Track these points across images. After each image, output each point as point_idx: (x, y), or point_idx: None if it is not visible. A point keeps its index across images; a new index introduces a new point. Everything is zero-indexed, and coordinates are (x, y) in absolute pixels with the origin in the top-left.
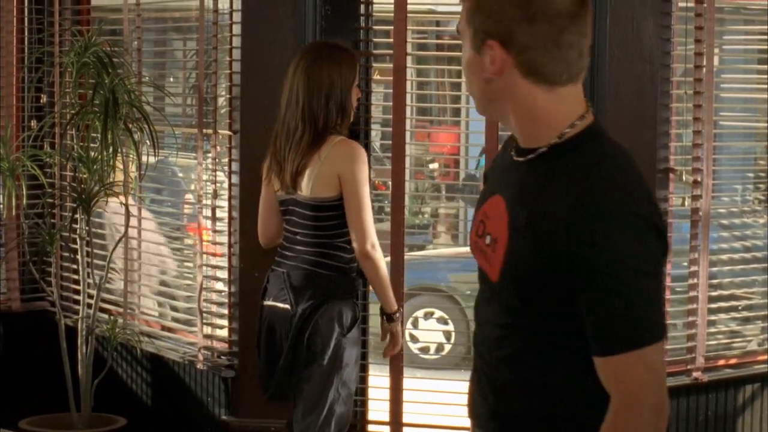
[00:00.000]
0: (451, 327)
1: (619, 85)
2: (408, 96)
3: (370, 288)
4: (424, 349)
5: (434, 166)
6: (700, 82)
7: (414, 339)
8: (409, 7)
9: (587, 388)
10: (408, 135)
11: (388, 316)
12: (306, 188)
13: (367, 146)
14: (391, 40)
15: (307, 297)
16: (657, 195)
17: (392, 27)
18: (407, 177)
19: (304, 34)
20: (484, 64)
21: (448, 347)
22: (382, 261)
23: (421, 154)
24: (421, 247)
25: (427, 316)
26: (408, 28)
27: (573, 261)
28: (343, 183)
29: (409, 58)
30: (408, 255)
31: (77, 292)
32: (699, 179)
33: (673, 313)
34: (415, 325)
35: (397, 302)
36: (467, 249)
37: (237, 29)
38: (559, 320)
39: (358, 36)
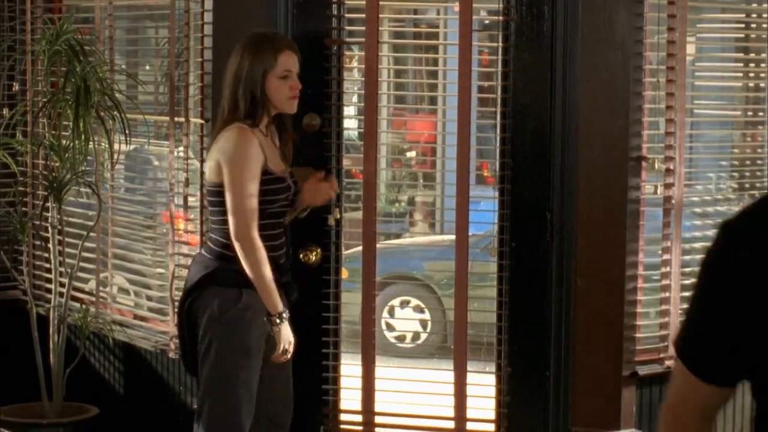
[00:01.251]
0: (427, 315)
1: (591, 72)
2: (384, 84)
3: (346, 273)
4: (400, 338)
5: (411, 154)
6: (672, 70)
7: (390, 328)
8: None
9: None
10: (384, 123)
11: (269, 318)
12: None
13: (339, 135)
14: (359, 28)
15: (191, 279)
16: (629, 183)
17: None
18: (383, 165)
19: (276, 22)
20: None
21: (424, 336)
22: (254, 255)
23: (398, 143)
24: (398, 236)
25: (403, 304)
26: (384, 16)
27: None
28: (222, 168)
29: (386, 47)
30: (383, 243)
31: (49, 281)
32: (671, 167)
33: (646, 302)
34: (391, 313)
35: (367, 292)
36: (443, 237)
37: (208, 17)
38: None
39: (330, 24)
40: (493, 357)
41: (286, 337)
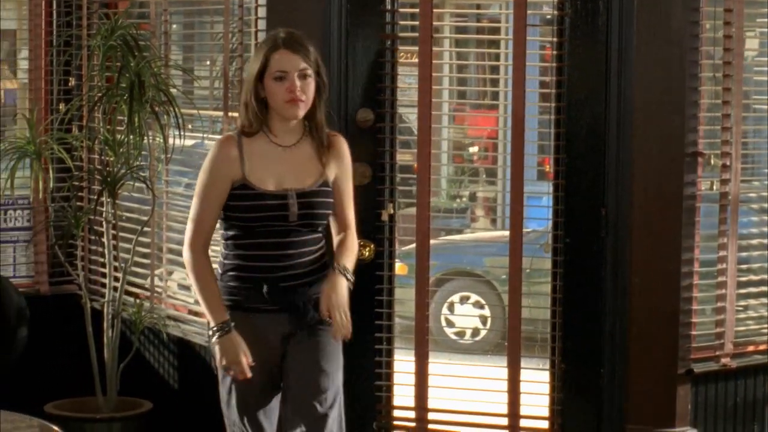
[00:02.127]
0: (487, 312)
1: (646, 67)
2: (446, 79)
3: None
4: (460, 334)
5: (474, 149)
6: (729, 65)
7: (450, 323)
8: None
9: None
10: (446, 119)
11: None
12: None
13: (393, 130)
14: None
15: None
16: (685, 179)
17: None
18: (444, 161)
19: (330, 17)
20: None
21: (483, 332)
22: (192, 266)
23: (461, 138)
24: (459, 231)
25: (463, 300)
26: (446, 11)
27: None
28: None
29: (447, 42)
30: (444, 239)
31: (104, 275)
32: (728, 163)
33: (702, 299)
34: (450, 309)
35: (421, 288)
36: (503, 233)
37: (262, 11)
38: None
39: (384, 18)
40: (547, 354)
41: (221, 353)
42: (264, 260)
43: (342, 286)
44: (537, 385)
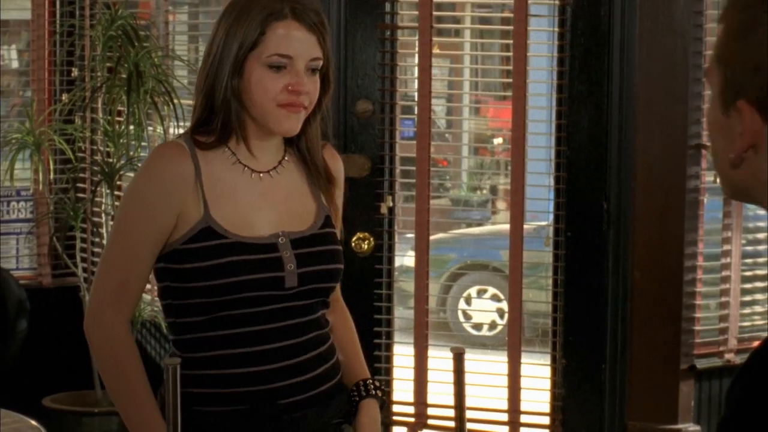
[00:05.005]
0: (504, 305)
1: (649, 58)
2: (466, 71)
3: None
4: (477, 327)
5: (498, 141)
6: None
7: (467, 316)
8: None
9: None
10: (467, 110)
11: None
12: None
13: (393, 121)
14: (450, 13)
15: None
16: (688, 172)
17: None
18: (465, 153)
19: (329, 6)
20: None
21: (500, 325)
22: (107, 354)
23: (483, 130)
24: (480, 224)
25: (480, 293)
26: (467, 0)
27: None
28: None
29: (468, 32)
30: (461, 231)
31: None
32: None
33: (706, 293)
34: (468, 302)
35: (420, 282)
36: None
37: None
38: None
39: (384, 8)
40: (548, 348)
41: None
42: (249, 363)
43: (378, 418)
44: (538, 380)
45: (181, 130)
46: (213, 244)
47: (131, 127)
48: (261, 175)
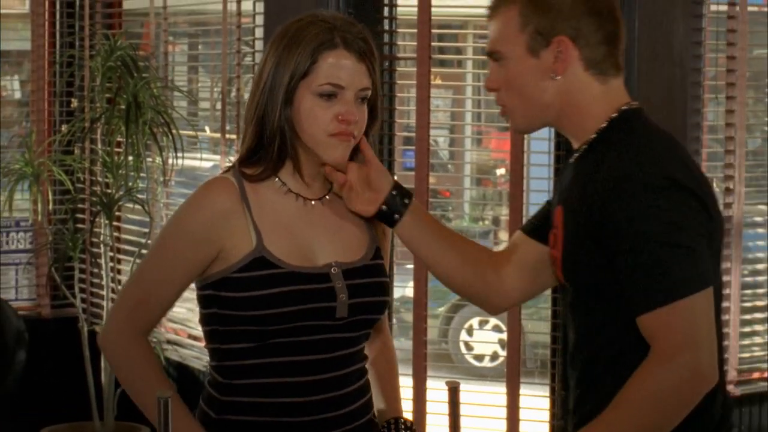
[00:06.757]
0: (505, 336)
1: (648, 88)
2: (468, 101)
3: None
4: (479, 358)
5: (501, 171)
6: (732, 87)
7: (469, 347)
8: (471, 11)
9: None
10: (468, 141)
11: None
12: None
13: (391, 152)
14: (452, 44)
15: None
16: None
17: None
18: (468, 184)
19: None
20: (546, 64)
21: (502, 356)
22: (109, 355)
23: (485, 161)
24: None
25: (482, 324)
26: (469, 32)
27: (607, 228)
28: None
29: (470, 63)
30: None
31: (102, 298)
32: (731, 186)
33: None
34: (469, 333)
35: (418, 312)
36: None
37: (259, 33)
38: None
39: (382, 39)
40: (547, 380)
41: None
42: (293, 394)
43: None
44: (538, 411)
45: (180, 161)
46: (266, 274)
47: (130, 157)
48: (313, 202)
